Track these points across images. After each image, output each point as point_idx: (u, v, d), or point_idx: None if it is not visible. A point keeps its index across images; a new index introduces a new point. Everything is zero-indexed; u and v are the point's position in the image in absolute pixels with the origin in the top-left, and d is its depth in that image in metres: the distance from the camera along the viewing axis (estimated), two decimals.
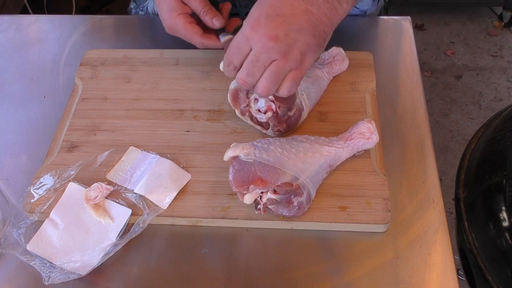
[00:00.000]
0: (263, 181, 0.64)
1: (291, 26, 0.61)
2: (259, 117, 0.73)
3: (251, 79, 0.63)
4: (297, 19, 0.62)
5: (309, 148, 0.68)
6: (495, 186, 0.80)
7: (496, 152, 0.85)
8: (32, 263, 0.64)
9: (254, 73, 0.63)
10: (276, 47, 0.61)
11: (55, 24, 1.00)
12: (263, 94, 0.64)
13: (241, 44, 0.63)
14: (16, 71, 0.91)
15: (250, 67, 0.63)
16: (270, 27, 0.61)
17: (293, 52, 0.62)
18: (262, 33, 0.61)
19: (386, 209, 0.66)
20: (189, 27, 0.76)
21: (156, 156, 0.73)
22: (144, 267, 0.64)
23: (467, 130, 2.05)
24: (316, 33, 0.63)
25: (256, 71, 0.63)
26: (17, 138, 0.80)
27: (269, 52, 0.61)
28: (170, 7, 0.76)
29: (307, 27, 0.62)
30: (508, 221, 0.76)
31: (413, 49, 0.90)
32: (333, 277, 0.63)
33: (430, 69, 2.31)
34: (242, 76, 0.64)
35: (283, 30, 0.61)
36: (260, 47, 0.61)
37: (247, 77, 0.63)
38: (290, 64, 0.62)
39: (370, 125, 0.71)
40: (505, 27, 2.48)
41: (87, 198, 0.68)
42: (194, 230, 0.68)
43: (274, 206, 0.65)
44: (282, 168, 0.64)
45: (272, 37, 0.61)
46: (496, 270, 0.76)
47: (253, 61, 0.62)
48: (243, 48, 0.63)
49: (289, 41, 0.61)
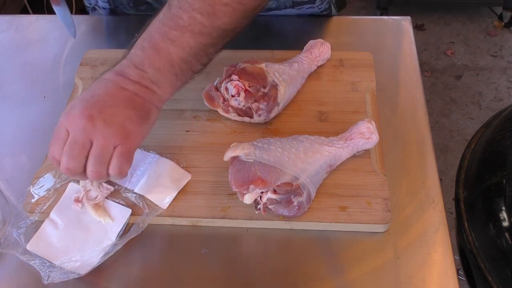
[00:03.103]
0: (263, 181, 0.64)
1: (106, 103, 0.61)
2: (236, 103, 0.75)
3: (73, 163, 0.60)
4: (112, 97, 0.62)
5: (309, 148, 0.68)
6: (495, 186, 0.80)
7: (496, 152, 0.85)
8: (32, 262, 0.64)
9: (74, 155, 0.60)
10: (91, 125, 0.59)
11: (55, 24, 1.00)
12: (94, 178, 0.62)
13: (59, 132, 0.61)
14: (16, 71, 0.91)
15: (68, 150, 0.60)
16: (83, 108, 0.60)
17: (112, 127, 0.60)
18: (76, 114, 0.60)
19: (386, 209, 0.66)
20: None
21: (156, 156, 0.73)
22: (144, 267, 0.64)
23: (467, 130, 2.04)
24: (135, 106, 0.62)
25: (77, 154, 0.60)
26: (17, 138, 0.80)
27: (85, 131, 0.59)
28: None
29: (123, 101, 0.62)
30: (508, 221, 0.76)
31: (413, 49, 0.90)
32: (333, 277, 0.63)
33: (430, 69, 2.31)
34: (63, 162, 0.60)
35: (97, 109, 0.60)
36: (75, 128, 0.60)
37: (69, 161, 0.60)
38: (113, 140, 0.60)
39: (370, 125, 0.71)
40: (505, 27, 2.47)
41: (87, 198, 0.68)
42: (194, 230, 0.68)
43: (274, 206, 0.65)
44: (282, 168, 0.64)
45: (86, 116, 0.60)
46: (496, 270, 0.76)
47: (70, 143, 0.60)
48: (61, 135, 0.61)
49: (105, 117, 0.60)
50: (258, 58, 0.81)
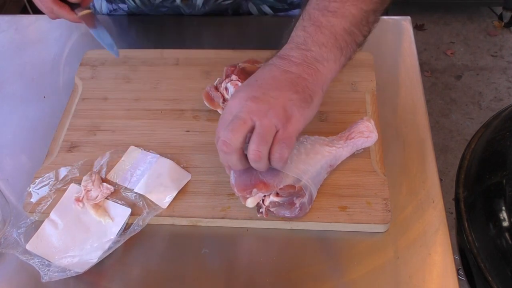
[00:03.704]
0: (265, 185, 0.64)
1: (270, 86, 0.61)
2: None
3: (232, 136, 0.59)
4: (275, 80, 0.61)
5: (310, 149, 0.68)
6: (495, 186, 0.80)
7: (496, 152, 0.85)
8: (31, 262, 0.64)
9: (234, 129, 0.59)
10: (256, 106, 0.59)
11: (55, 24, 0.99)
12: (255, 159, 0.60)
13: (224, 116, 0.62)
14: (16, 71, 0.91)
15: (229, 124, 0.60)
16: (248, 91, 0.61)
17: (275, 109, 0.59)
18: (240, 97, 0.61)
19: (386, 209, 0.66)
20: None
21: (156, 156, 0.73)
22: (144, 267, 0.64)
23: (467, 130, 2.05)
24: (298, 89, 0.61)
25: (237, 127, 0.59)
26: (17, 138, 0.80)
27: (248, 110, 0.59)
28: None
29: (286, 84, 0.61)
30: (508, 221, 0.76)
31: (413, 49, 0.90)
32: (333, 277, 0.63)
33: (430, 69, 2.31)
34: (222, 135, 0.60)
35: (260, 91, 0.60)
36: (239, 109, 0.60)
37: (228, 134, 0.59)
38: (275, 121, 0.59)
39: (369, 123, 0.70)
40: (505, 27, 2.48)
41: (87, 198, 0.69)
42: (194, 230, 0.68)
43: (276, 209, 0.65)
44: (284, 170, 0.64)
45: (249, 97, 0.60)
46: (496, 270, 0.76)
47: (233, 119, 0.60)
48: (226, 118, 0.61)
49: (268, 100, 0.60)
50: (258, 58, 0.81)
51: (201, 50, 0.89)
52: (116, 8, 1.01)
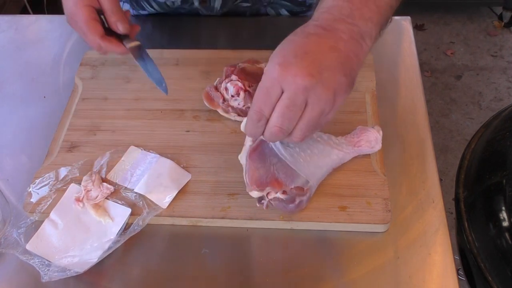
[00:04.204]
0: (279, 184, 0.64)
1: (322, 63, 0.55)
2: (236, 103, 0.74)
3: (288, 124, 0.56)
4: (326, 57, 0.55)
5: (322, 150, 0.68)
6: (495, 186, 0.79)
7: (496, 152, 0.85)
8: (31, 262, 0.64)
9: (291, 117, 0.56)
10: (312, 87, 0.54)
11: (55, 24, 1.00)
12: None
13: (271, 88, 0.55)
14: (16, 71, 0.91)
15: (285, 112, 0.55)
16: (301, 66, 0.54)
17: (328, 93, 0.55)
18: (294, 72, 0.54)
19: (386, 209, 0.66)
20: (91, 24, 0.70)
21: (156, 156, 0.73)
22: (144, 267, 0.64)
23: (467, 130, 2.05)
24: (346, 71, 0.56)
25: (293, 116, 0.56)
26: (17, 138, 0.80)
27: (305, 92, 0.54)
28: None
29: (336, 65, 0.55)
30: (508, 221, 0.76)
31: (413, 49, 0.90)
32: (333, 277, 0.63)
33: (430, 69, 2.31)
34: (277, 123, 0.56)
35: (315, 68, 0.54)
36: (295, 87, 0.54)
37: (283, 123, 0.56)
38: (325, 106, 0.56)
39: (378, 135, 0.71)
40: (505, 27, 2.48)
41: (87, 198, 0.69)
42: (194, 230, 0.68)
43: (277, 203, 0.65)
44: (298, 170, 0.65)
45: (306, 75, 0.54)
46: (496, 270, 0.76)
47: (288, 105, 0.55)
48: (273, 92, 0.55)
49: (322, 80, 0.54)
50: (258, 58, 0.81)
51: (201, 50, 0.89)
52: (137, 14, 1.01)
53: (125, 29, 0.73)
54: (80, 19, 0.70)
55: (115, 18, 0.71)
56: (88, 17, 0.70)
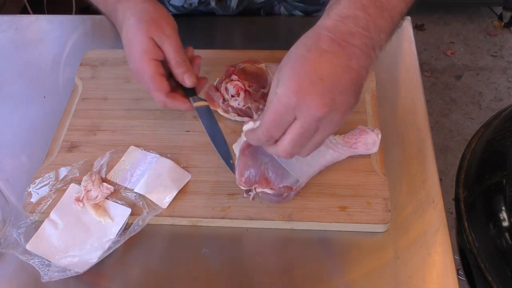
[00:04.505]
0: (268, 182, 0.65)
1: (336, 89, 0.54)
2: (236, 103, 0.74)
3: (298, 150, 0.57)
4: (340, 80, 0.54)
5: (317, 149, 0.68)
6: (495, 186, 0.79)
7: (496, 152, 0.85)
8: (31, 262, 0.64)
9: (302, 144, 0.57)
10: (326, 116, 0.54)
11: (55, 24, 1.00)
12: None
13: (285, 115, 0.55)
14: (16, 71, 0.91)
15: (297, 139, 0.56)
16: (317, 95, 0.53)
17: (338, 117, 0.55)
18: (310, 102, 0.53)
19: (386, 209, 0.66)
20: (157, 80, 0.68)
21: (156, 156, 0.73)
22: (144, 267, 0.64)
23: (467, 130, 2.05)
24: (356, 90, 0.56)
25: (304, 142, 0.57)
26: (17, 138, 0.80)
27: (318, 122, 0.55)
28: (143, 49, 0.67)
29: (349, 87, 0.55)
30: (508, 221, 0.76)
31: (413, 49, 0.90)
32: (333, 277, 0.63)
33: (430, 69, 2.31)
34: (288, 148, 0.57)
35: (329, 96, 0.54)
36: (310, 118, 0.54)
37: (294, 149, 0.57)
38: (334, 128, 0.57)
39: (377, 138, 0.71)
40: (505, 27, 2.48)
41: (87, 198, 0.69)
42: (194, 230, 0.68)
43: (264, 195, 0.66)
44: (289, 170, 0.65)
45: (321, 106, 0.53)
46: (496, 270, 0.76)
47: (301, 133, 0.55)
48: (286, 119, 0.55)
49: (337, 107, 0.54)
50: (258, 58, 0.81)
51: (201, 50, 0.88)
52: None
53: (192, 83, 0.70)
54: (145, 75, 0.68)
55: (181, 70, 0.68)
56: (153, 73, 0.67)
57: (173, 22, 0.71)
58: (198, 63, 0.74)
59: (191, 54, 0.74)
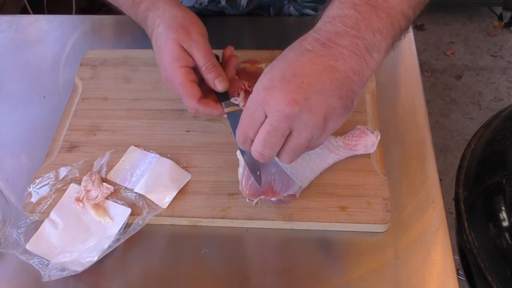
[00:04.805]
0: (273, 193, 0.65)
1: (312, 88, 0.51)
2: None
3: (269, 151, 0.55)
4: (318, 79, 0.51)
5: (320, 154, 0.68)
6: (495, 186, 0.79)
7: (496, 152, 0.85)
8: (31, 261, 0.64)
9: (272, 144, 0.54)
10: (295, 114, 0.51)
11: (55, 24, 1.00)
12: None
13: (255, 112, 0.54)
14: (16, 71, 0.91)
15: (266, 138, 0.54)
16: (286, 91, 0.51)
17: (316, 119, 0.52)
18: (278, 98, 0.51)
19: (386, 209, 0.66)
20: (187, 87, 0.66)
21: (156, 156, 0.73)
22: (144, 267, 0.64)
23: (467, 130, 2.05)
24: (342, 94, 0.52)
25: (275, 143, 0.54)
26: (17, 138, 0.80)
27: (288, 120, 0.52)
28: (172, 56, 0.66)
29: (331, 87, 0.52)
30: (508, 221, 0.76)
31: (413, 49, 0.90)
32: (333, 277, 0.63)
33: (430, 69, 2.31)
34: (258, 148, 0.55)
35: (302, 94, 0.51)
36: (276, 115, 0.52)
37: (264, 149, 0.55)
38: (313, 132, 0.53)
39: (376, 140, 0.71)
40: (505, 27, 2.48)
41: (87, 198, 0.69)
42: (194, 230, 0.68)
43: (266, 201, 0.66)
44: (294, 178, 0.65)
45: (289, 102, 0.51)
46: (496, 270, 0.76)
47: (269, 131, 0.53)
48: (257, 116, 0.54)
49: (310, 107, 0.51)
50: (258, 58, 0.81)
51: None
52: None
53: (223, 88, 0.68)
54: (176, 82, 0.67)
55: (211, 75, 0.67)
56: (184, 80, 0.66)
57: (202, 26, 0.69)
58: (234, 64, 0.72)
59: (229, 54, 0.72)
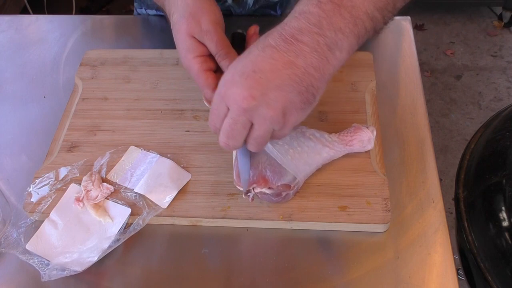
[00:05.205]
0: (266, 182, 0.65)
1: (270, 83, 0.53)
2: None
3: (233, 142, 0.58)
4: (277, 75, 0.53)
5: (313, 147, 0.68)
6: (495, 186, 0.79)
7: (496, 152, 0.85)
8: (31, 261, 0.64)
9: (234, 136, 0.57)
10: (252, 109, 0.54)
11: (55, 24, 1.00)
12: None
13: (219, 105, 0.57)
14: (16, 71, 0.91)
15: (228, 130, 0.57)
16: (244, 86, 0.53)
17: (272, 114, 0.54)
18: (236, 92, 0.54)
19: (386, 209, 0.66)
20: (202, 76, 0.66)
21: (156, 156, 0.73)
22: (144, 267, 0.65)
23: (467, 130, 2.05)
24: (301, 89, 0.54)
25: (237, 134, 0.57)
26: (17, 138, 0.80)
27: (246, 113, 0.54)
28: (186, 47, 0.66)
29: (289, 83, 0.53)
30: (508, 221, 0.76)
31: (413, 49, 0.90)
32: (333, 277, 0.63)
33: (430, 69, 2.31)
34: (222, 139, 0.58)
35: (259, 89, 0.53)
36: (235, 108, 0.55)
37: (228, 140, 0.58)
38: (272, 125, 0.56)
39: (371, 135, 0.71)
40: (505, 27, 2.48)
41: (87, 198, 0.69)
42: (194, 230, 0.68)
43: (263, 195, 0.66)
44: (286, 167, 0.65)
45: (246, 97, 0.53)
46: (496, 270, 0.76)
47: (230, 124, 0.56)
48: (220, 110, 0.56)
49: (268, 101, 0.53)
50: None
51: None
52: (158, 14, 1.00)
53: None
54: (192, 72, 0.67)
55: (225, 63, 0.66)
56: (198, 70, 0.65)
57: (214, 12, 0.67)
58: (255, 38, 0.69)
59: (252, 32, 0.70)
